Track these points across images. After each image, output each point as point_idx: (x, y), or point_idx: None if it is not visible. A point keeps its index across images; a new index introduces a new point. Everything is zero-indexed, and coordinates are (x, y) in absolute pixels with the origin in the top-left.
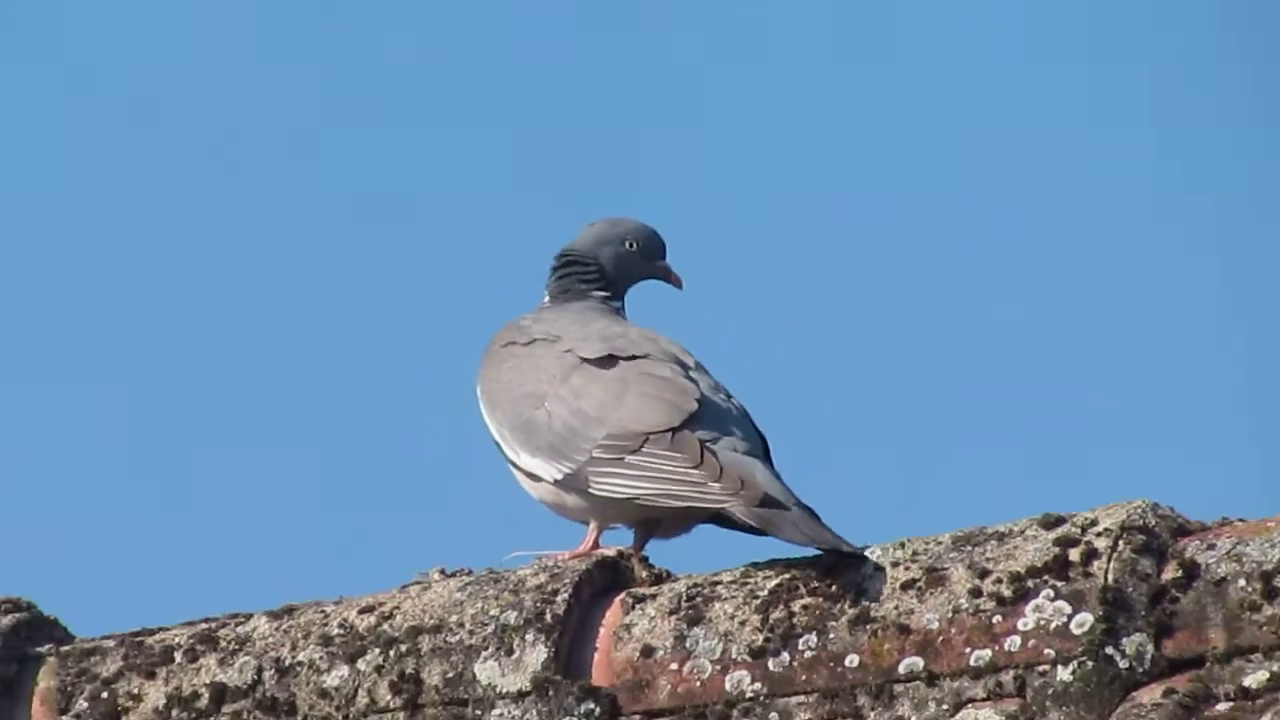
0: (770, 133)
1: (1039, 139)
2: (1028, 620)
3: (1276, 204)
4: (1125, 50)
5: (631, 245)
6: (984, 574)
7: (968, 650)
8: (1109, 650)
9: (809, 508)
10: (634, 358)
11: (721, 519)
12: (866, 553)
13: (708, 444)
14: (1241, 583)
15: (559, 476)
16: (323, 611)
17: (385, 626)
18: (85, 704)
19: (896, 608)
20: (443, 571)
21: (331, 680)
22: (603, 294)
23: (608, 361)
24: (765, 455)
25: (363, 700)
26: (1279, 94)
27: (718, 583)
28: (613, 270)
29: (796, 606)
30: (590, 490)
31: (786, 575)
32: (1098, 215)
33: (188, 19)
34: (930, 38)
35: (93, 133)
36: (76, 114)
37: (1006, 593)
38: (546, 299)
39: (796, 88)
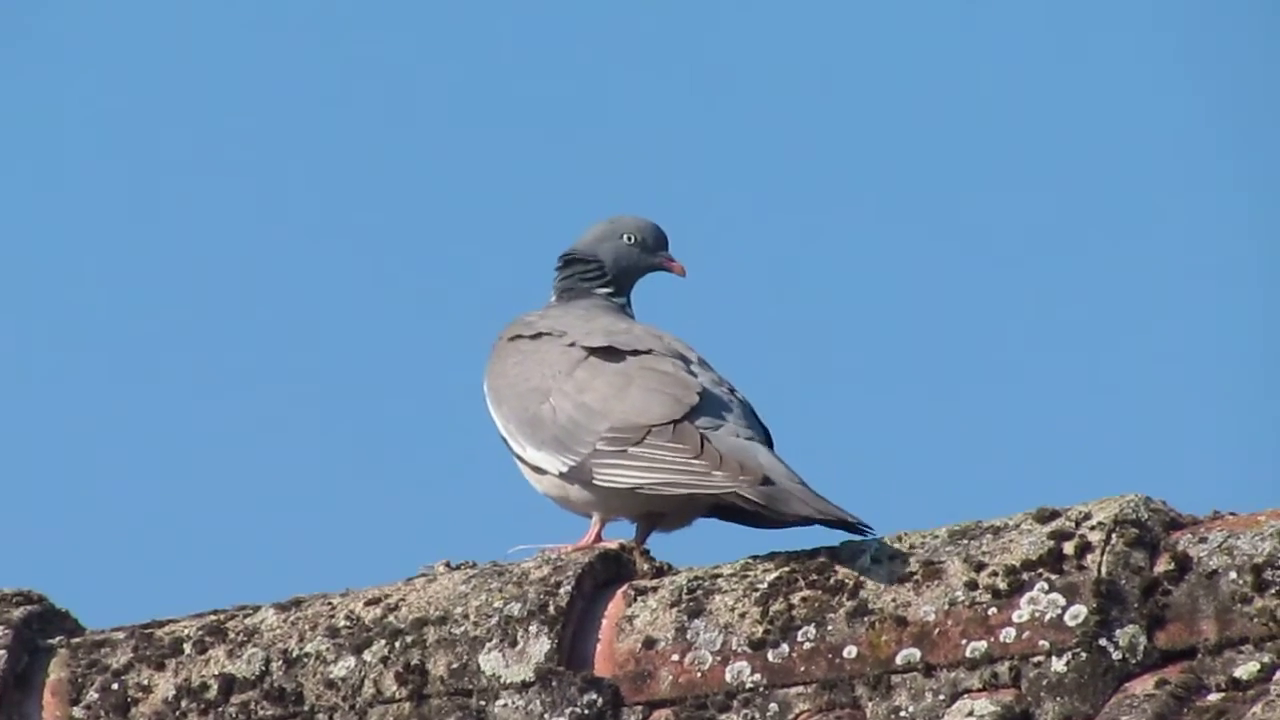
0: (772, 122)
1: (1030, 128)
2: (1023, 612)
3: (1270, 196)
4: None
5: (631, 239)
6: (980, 567)
7: (964, 642)
8: (1102, 641)
9: (811, 488)
10: (637, 352)
11: (723, 511)
12: (866, 541)
13: (708, 433)
14: (1233, 575)
15: (564, 469)
16: (329, 604)
17: (391, 618)
18: (96, 695)
19: (894, 600)
20: (448, 564)
21: (338, 671)
22: (606, 291)
23: (611, 356)
24: (768, 445)
25: (369, 691)
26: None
27: (718, 575)
28: (614, 266)
29: (795, 599)
30: (594, 481)
31: (786, 568)
32: (1088, 211)
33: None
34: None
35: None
36: (78, 111)
37: (1002, 585)
38: (553, 298)
39: (802, 72)
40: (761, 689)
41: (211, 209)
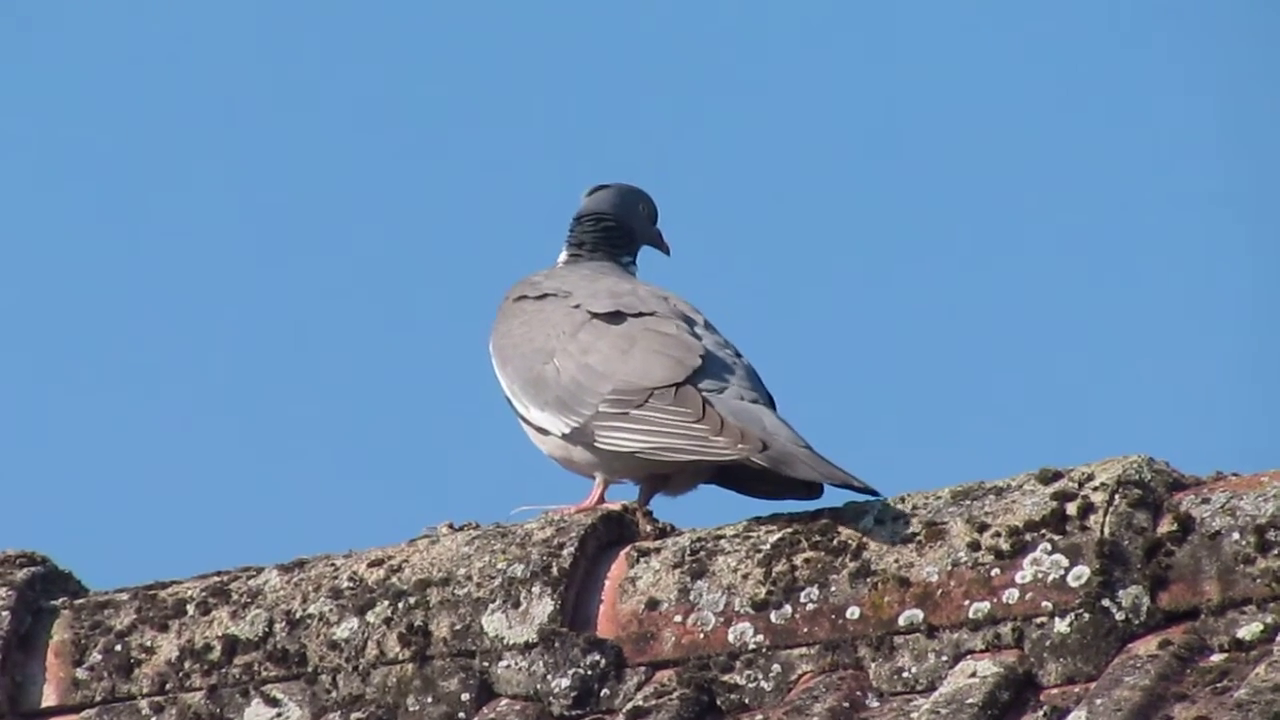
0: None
1: (1024, 85)
2: (1025, 573)
3: (1269, 151)
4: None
5: (644, 209)
6: (983, 528)
7: (966, 603)
8: (1105, 602)
9: (817, 451)
10: (641, 314)
11: (725, 478)
12: (869, 502)
13: (710, 397)
14: (1236, 536)
15: (566, 430)
16: (333, 565)
17: (394, 579)
18: (99, 656)
19: (896, 561)
20: (451, 525)
21: (341, 632)
22: (622, 254)
23: (615, 318)
24: (772, 408)
25: (372, 652)
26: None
27: (721, 537)
28: (630, 232)
29: (798, 560)
30: (596, 444)
31: (789, 529)
32: (1091, 172)
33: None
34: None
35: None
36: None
37: (1005, 546)
38: (563, 257)
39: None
40: (764, 650)
41: (207, 162)
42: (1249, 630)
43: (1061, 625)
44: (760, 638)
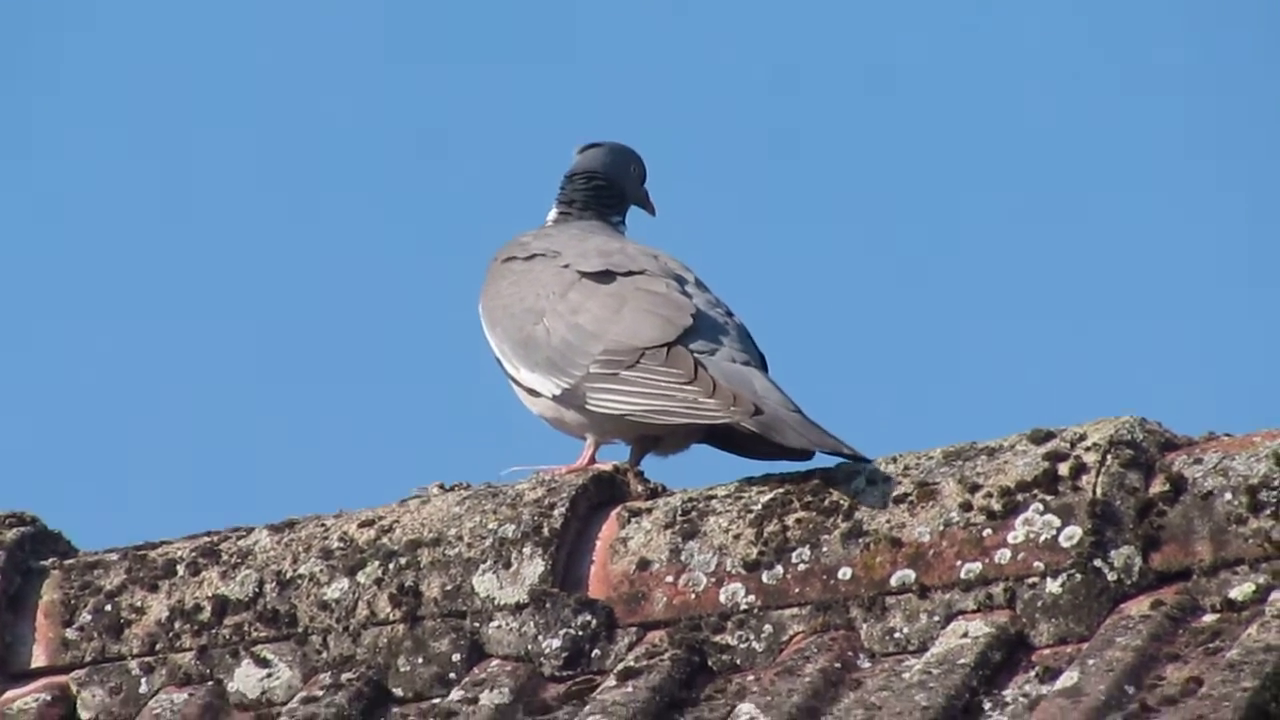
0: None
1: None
2: (1017, 533)
3: (1263, 109)
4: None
5: (635, 170)
6: (974, 488)
7: (958, 563)
8: (1097, 563)
9: (808, 416)
10: (631, 273)
11: (717, 438)
12: (863, 461)
13: (702, 358)
14: (1228, 496)
15: (557, 392)
16: (323, 525)
17: (385, 540)
18: (89, 616)
19: (888, 521)
20: (441, 486)
21: (332, 593)
22: (612, 213)
23: (605, 277)
24: (763, 369)
25: (363, 612)
26: None
27: (712, 497)
28: (620, 191)
29: (790, 520)
30: (587, 407)
31: (780, 490)
32: (1081, 132)
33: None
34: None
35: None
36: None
37: (997, 506)
38: (553, 215)
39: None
40: (756, 610)
41: (196, 122)
42: (1241, 590)
43: (1053, 586)
44: (751, 598)
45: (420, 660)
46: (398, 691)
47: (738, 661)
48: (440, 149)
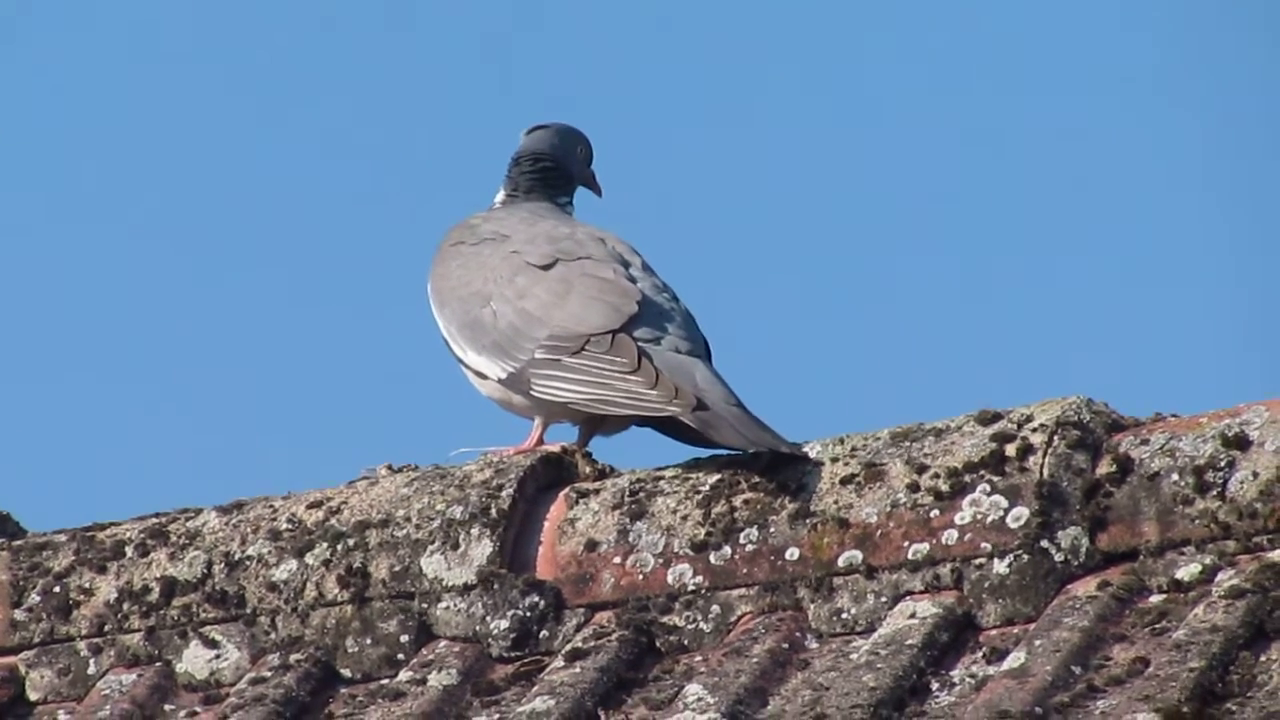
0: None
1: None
2: (965, 514)
3: (1209, 94)
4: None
5: (581, 151)
6: (922, 469)
7: (906, 544)
8: (1044, 544)
9: (748, 410)
10: (579, 259)
11: (660, 425)
12: (806, 449)
13: (647, 347)
14: (1174, 477)
15: (503, 375)
16: (271, 507)
17: (333, 521)
18: (37, 597)
19: (836, 502)
20: (389, 467)
21: (280, 574)
22: (559, 194)
23: (552, 262)
24: (707, 357)
25: (311, 593)
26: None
27: (660, 478)
28: (567, 173)
29: (738, 501)
30: (531, 393)
31: (728, 471)
32: (1029, 121)
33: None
34: None
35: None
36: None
37: (944, 487)
38: (501, 197)
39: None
40: (704, 591)
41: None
42: (1187, 571)
43: (1000, 566)
44: (699, 579)
45: (368, 641)
46: (346, 672)
47: (685, 642)
48: (392, 129)
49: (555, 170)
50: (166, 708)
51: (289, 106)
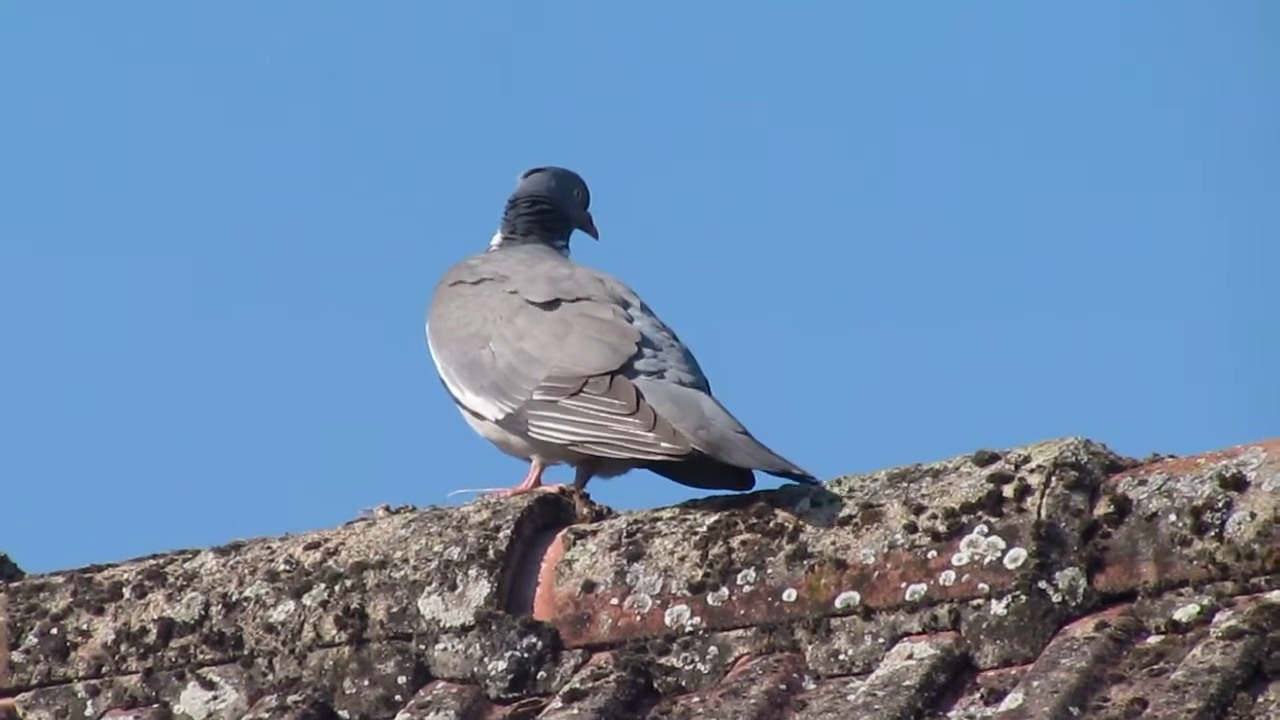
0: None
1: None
2: (962, 555)
3: (1202, 127)
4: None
5: (577, 194)
6: (919, 510)
7: (903, 585)
8: (1042, 584)
9: (755, 439)
10: (578, 299)
11: (659, 466)
12: (805, 485)
13: (648, 382)
14: (1172, 518)
15: (500, 416)
16: (269, 548)
17: (330, 562)
18: (35, 639)
19: (833, 543)
20: (387, 508)
21: (278, 615)
22: (556, 237)
23: (552, 304)
24: (708, 394)
25: (308, 635)
26: None
27: (657, 519)
28: (564, 215)
29: (735, 542)
30: (529, 434)
31: (725, 512)
32: (1023, 154)
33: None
34: None
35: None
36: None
37: (941, 528)
38: (498, 239)
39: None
40: (701, 632)
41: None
42: (1185, 612)
43: (998, 607)
44: (697, 620)
45: (366, 682)
46: (343, 714)
47: (683, 683)
48: (390, 171)
49: (552, 213)
50: None
51: (289, 107)
